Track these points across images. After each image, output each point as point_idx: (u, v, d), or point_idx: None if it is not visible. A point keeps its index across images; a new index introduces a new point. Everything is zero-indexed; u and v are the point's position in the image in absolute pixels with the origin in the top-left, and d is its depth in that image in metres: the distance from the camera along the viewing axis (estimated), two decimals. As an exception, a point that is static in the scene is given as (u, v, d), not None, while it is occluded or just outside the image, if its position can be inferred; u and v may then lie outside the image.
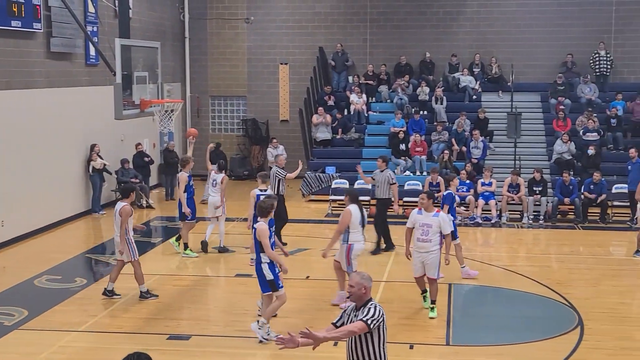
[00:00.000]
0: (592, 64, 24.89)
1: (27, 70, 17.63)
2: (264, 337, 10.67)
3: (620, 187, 20.06)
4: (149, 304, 12.53)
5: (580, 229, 18.91)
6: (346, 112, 24.99)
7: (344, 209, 12.32)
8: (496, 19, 26.05)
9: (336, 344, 9.77)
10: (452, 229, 12.80)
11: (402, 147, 22.76)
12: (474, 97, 25.09)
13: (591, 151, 21.28)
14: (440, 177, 17.81)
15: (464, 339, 11.20)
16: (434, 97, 24.40)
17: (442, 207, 13.93)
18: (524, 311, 12.77)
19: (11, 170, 16.94)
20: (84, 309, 12.29)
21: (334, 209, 20.44)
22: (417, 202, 12.68)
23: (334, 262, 12.46)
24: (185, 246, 15.82)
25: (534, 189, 19.82)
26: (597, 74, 24.83)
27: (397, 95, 24.82)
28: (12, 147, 16.95)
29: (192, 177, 15.83)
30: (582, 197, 19.47)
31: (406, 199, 20.04)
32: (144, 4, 24.00)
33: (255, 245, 10.75)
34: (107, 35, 18.95)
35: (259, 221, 10.84)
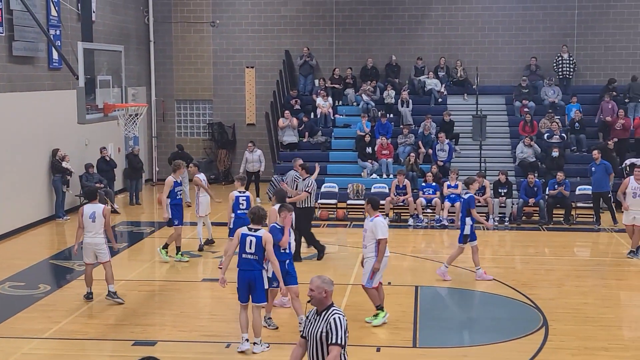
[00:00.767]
0: (555, 67, 25.18)
1: (-12, 74, 17.41)
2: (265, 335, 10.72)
3: (583, 189, 20.29)
4: (114, 310, 12.40)
5: (545, 231, 19.10)
6: (312, 116, 24.99)
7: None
8: (461, 23, 26.25)
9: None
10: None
11: (369, 150, 22.83)
12: (440, 100, 25.24)
13: (555, 153, 21.50)
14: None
15: (430, 340, 11.25)
16: (400, 100, 24.50)
17: (463, 211, 13.93)
18: (489, 312, 12.89)
19: (-28, 175, 16.69)
20: (48, 316, 12.12)
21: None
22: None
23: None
24: (177, 249, 15.63)
25: (499, 191, 19.97)
26: (560, 76, 25.13)
27: (362, 99, 24.85)
28: (-27, 152, 16.71)
29: (180, 183, 15.66)
30: (547, 197, 19.67)
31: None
32: (108, 8, 23.79)
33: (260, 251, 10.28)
34: (70, 38, 18.77)
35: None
